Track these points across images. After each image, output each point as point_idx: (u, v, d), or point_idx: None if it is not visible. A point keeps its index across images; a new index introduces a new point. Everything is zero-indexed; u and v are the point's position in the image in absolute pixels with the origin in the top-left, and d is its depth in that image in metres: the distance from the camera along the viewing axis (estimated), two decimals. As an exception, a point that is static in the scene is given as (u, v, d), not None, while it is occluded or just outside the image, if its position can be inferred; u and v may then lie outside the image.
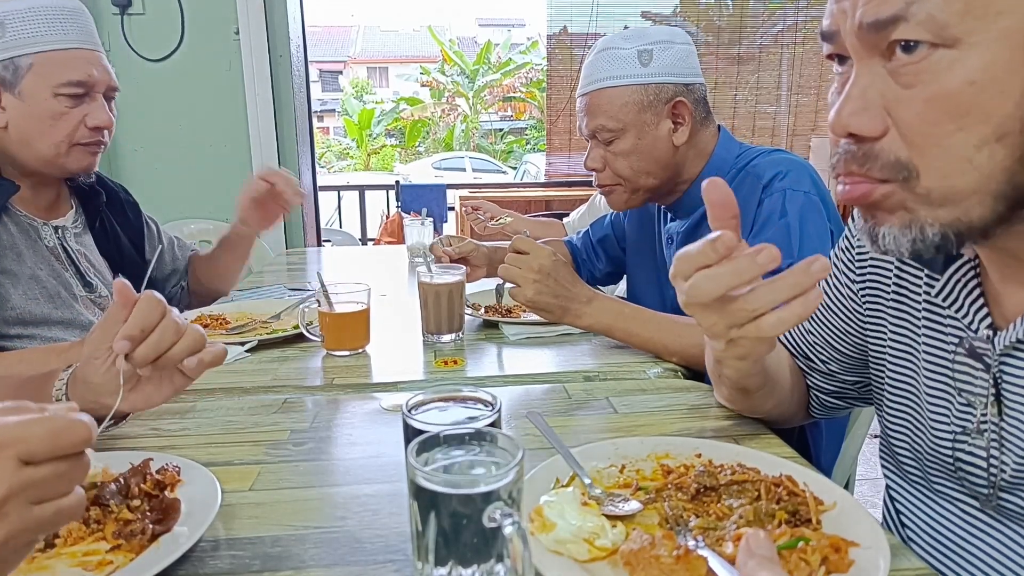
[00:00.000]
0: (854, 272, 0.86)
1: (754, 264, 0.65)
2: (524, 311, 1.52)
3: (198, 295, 1.75)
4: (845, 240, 0.88)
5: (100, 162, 1.40)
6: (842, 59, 0.62)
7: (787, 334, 0.97)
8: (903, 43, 0.55)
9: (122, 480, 0.72)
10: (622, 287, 1.96)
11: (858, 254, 0.85)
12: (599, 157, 1.39)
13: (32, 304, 1.25)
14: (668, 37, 1.33)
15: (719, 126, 1.42)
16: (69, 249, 1.38)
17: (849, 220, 0.88)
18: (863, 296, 0.85)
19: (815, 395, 0.97)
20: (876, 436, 0.88)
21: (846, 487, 1.38)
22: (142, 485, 0.72)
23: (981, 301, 0.68)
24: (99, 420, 0.87)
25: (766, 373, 0.87)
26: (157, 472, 0.75)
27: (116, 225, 1.52)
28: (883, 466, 0.86)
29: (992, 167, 0.55)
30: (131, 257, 1.53)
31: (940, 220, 0.58)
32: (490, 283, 1.86)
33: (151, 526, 0.67)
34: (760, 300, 0.66)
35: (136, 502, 0.70)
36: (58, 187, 1.41)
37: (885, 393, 0.82)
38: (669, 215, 1.49)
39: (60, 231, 1.38)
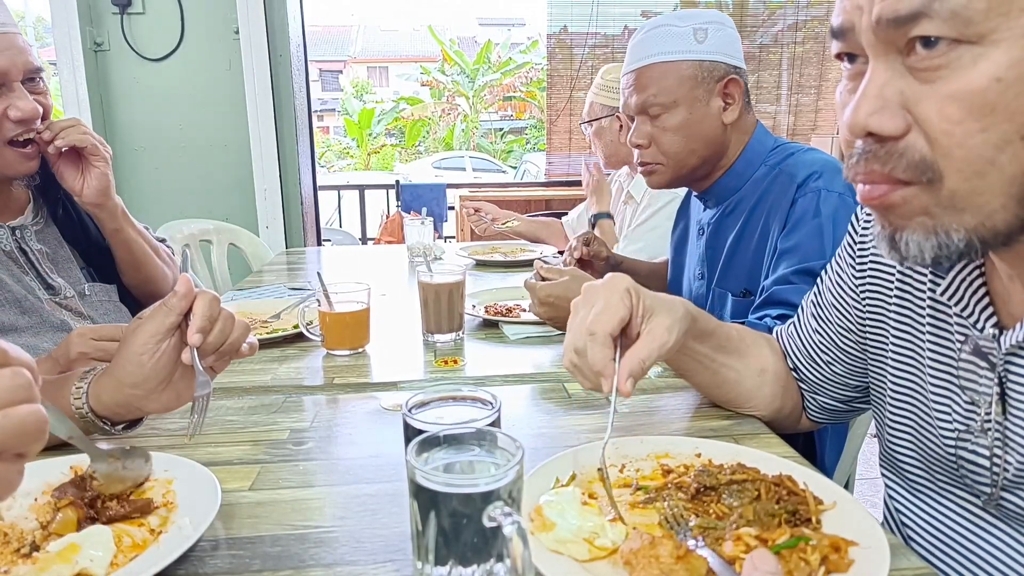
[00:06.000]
0: (855, 269, 0.86)
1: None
2: (524, 310, 1.52)
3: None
4: (848, 236, 0.88)
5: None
6: (851, 57, 0.60)
7: (795, 334, 0.98)
8: (923, 39, 0.53)
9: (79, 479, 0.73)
10: None
11: (859, 252, 0.85)
12: (645, 134, 1.38)
13: None
14: (720, 19, 1.35)
15: (756, 120, 1.42)
16: (28, 251, 1.28)
17: (853, 217, 0.88)
18: (863, 294, 0.85)
19: (815, 398, 0.98)
20: (875, 436, 0.88)
21: (846, 486, 1.37)
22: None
23: (987, 300, 0.68)
24: (119, 424, 0.87)
25: (694, 379, 1.00)
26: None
27: (79, 210, 1.39)
28: (882, 468, 0.86)
29: (1015, 168, 0.53)
30: (98, 242, 1.41)
31: (965, 225, 0.55)
32: (489, 283, 1.86)
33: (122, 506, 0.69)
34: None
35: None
36: (7, 187, 1.29)
37: (887, 393, 0.82)
38: (702, 205, 1.49)
39: (18, 232, 1.28)
